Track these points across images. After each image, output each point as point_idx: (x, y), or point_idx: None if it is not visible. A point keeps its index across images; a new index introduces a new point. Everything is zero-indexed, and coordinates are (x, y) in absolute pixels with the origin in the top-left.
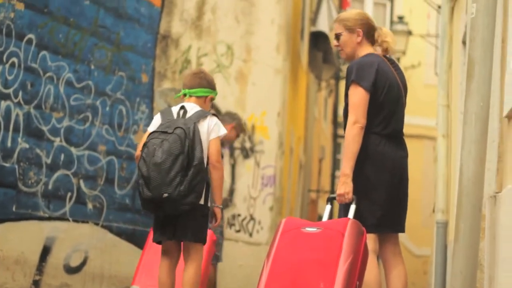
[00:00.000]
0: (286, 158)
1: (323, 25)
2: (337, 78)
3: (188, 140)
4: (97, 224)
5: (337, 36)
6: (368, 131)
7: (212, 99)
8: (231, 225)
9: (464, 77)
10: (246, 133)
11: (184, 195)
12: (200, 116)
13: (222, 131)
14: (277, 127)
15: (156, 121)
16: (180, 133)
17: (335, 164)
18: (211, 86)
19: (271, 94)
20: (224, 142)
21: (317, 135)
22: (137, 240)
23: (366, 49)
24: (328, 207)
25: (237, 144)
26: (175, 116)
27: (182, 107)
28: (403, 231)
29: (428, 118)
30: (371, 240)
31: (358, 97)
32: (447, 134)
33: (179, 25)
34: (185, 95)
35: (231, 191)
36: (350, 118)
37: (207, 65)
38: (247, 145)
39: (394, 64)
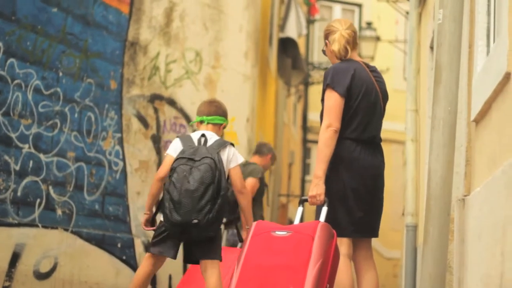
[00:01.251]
0: None
1: (291, 31)
2: (306, 84)
3: (217, 171)
4: (66, 230)
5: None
6: (344, 136)
7: (225, 127)
8: None
9: (432, 82)
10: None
11: (212, 223)
12: (221, 145)
13: (240, 159)
14: (246, 132)
15: (176, 146)
16: (210, 163)
17: (305, 169)
18: (225, 114)
19: (240, 100)
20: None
21: (286, 140)
22: (107, 246)
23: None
24: (300, 209)
25: None
26: (195, 142)
27: (203, 135)
28: (376, 236)
29: (397, 122)
30: (345, 244)
31: (332, 101)
32: (416, 138)
33: (148, 32)
34: (202, 121)
35: None
36: (324, 121)
37: (176, 71)
38: None
39: (374, 71)
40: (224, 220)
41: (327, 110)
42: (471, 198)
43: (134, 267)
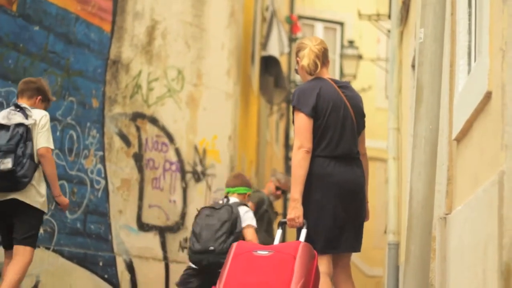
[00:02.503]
0: None
1: (273, 49)
2: (288, 102)
3: (233, 214)
4: (48, 248)
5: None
6: (315, 154)
7: (249, 195)
8: (183, 248)
9: (414, 101)
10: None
11: (225, 252)
12: (239, 204)
13: (254, 222)
14: (229, 150)
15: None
16: (227, 208)
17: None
18: (248, 185)
19: (222, 118)
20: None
21: (269, 158)
22: (89, 264)
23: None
24: (279, 231)
25: (188, 167)
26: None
27: (226, 197)
28: (358, 250)
29: (379, 140)
30: (324, 263)
31: (300, 122)
32: (398, 156)
33: (129, 50)
34: (228, 192)
35: (183, 215)
36: (295, 143)
37: (158, 89)
38: (199, 168)
39: (344, 87)
40: None
41: (296, 131)
42: (453, 217)
43: (115, 285)
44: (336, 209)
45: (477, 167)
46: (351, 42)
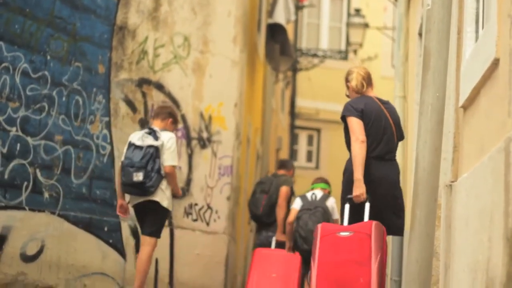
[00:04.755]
0: (243, 149)
1: (280, 17)
2: (294, 70)
3: (327, 215)
4: (53, 213)
5: None
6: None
7: (329, 192)
8: (188, 214)
9: (420, 69)
10: None
11: None
12: (324, 198)
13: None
14: (234, 117)
15: (298, 203)
16: (321, 211)
17: (292, 155)
18: (328, 183)
19: (228, 86)
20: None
21: (274, 126)
22: (94, 229)
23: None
24: (347, 206)
25: (194, 134)
26: (309, 199)
27: (313, 193)
28: (401, 234)
29: None
30: None
31: (353, 123)
32: (404, 125)
33: (136, 16)
34: (313, 188)
35: (188, 181)
36: (352, 137)
37: (164, 56)
38: (204, 135)
39: (385, 103)
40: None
41: (351, 130)
42: (459, 184)
43: (120, 250)
44: (375, 199)
45: (484, 135)
46: (357, 11)
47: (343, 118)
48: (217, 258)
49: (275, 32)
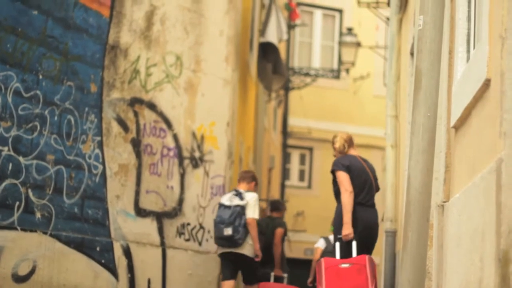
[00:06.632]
0: (236, 168)
1: (272, 36)
2: (286, 89)
3: None
4: (45, 233)
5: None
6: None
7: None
8: (180, 233)
9: (412, 88)
10: None
11: None
12: None
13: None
14: (226, 137)
15: (322, 243)
16: None
17: (284, 174)
18: None
19: (220, 105)
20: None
21: (266, 145)
22: (86, 249)
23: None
24: (338, 244)
25: (186, 153)
26: (331, 241)
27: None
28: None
29: (377, 128)
30: None
31: (341, 176)
32: (396, 144)
33: (128, 35)
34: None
35: (180, 201)
36: (341, 189)
37: (156, 75)
38: (197, 154)
39: (366, 161)
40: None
41: (340, 182)
42: (450, 204)
43: (113, 270)
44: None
45: (475, 155)
46: (349, 30)
47: (333, 172)
48: (209, 277)
49: (267, 51)
